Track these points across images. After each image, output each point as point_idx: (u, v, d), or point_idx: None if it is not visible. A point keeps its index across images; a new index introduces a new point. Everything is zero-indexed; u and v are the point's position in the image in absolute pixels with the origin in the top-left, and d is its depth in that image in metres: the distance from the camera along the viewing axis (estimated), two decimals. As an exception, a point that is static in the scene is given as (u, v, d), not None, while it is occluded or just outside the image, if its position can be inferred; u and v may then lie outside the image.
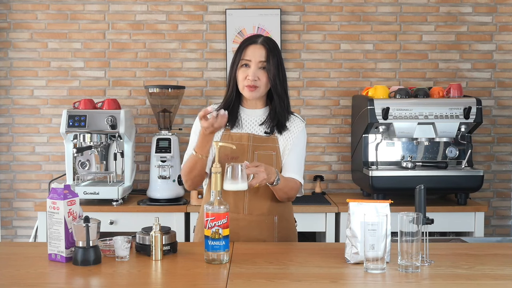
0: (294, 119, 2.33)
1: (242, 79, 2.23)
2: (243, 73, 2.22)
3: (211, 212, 1.91)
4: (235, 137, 2.25)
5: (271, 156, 2.26)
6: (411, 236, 1.82)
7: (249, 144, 2.25)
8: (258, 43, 2.23)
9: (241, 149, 2.23)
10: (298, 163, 2.30)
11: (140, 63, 3.96)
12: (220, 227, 1.91)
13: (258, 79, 2.21)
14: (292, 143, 2.28)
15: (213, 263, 1.92)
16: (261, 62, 2.21)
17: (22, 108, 3.96)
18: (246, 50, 2.23)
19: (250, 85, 2.21)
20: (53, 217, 1.95)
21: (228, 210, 1.94)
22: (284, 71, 2.27)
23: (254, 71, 2.20)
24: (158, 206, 3.44)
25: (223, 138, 2.26)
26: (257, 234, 2.25)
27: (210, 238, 1.91)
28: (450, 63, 3.98)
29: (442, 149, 3.61)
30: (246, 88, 2.22)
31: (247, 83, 2.21)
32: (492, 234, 3.97)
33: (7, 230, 3.99)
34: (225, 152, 2.22)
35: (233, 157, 2.21)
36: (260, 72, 2.21)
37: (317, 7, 3.95)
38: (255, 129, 2.29)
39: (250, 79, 2.20)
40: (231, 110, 2.26)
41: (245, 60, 2.22)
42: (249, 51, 2.22)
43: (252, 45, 2.23)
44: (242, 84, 2.23)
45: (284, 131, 2.28)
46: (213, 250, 1.92)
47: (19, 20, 3.93)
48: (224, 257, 1.93)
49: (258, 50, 2.22)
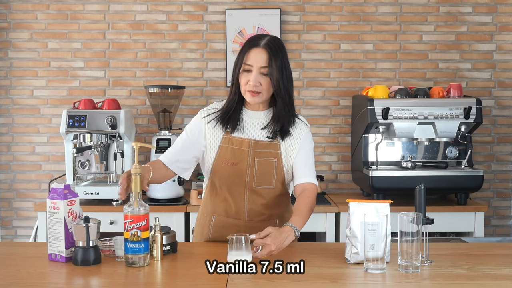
0: (298, 123, 2.26)
1: (244, 84, 2.17)
2: (245, 77, 2.16)
3: (130, 214, 1.88)
4: (236, 142, 2.21)
5: (272, 163, 2.21)
6: (411, 236, 1.82)
7: (250, 150, 2.20)
8: (261, 47, 2.14)
9: (241, 155, 2.20)
10: (309, 166, 2.25)
11: (140, 63, 3.96)
12: (139, 229, 1.87)
13: (260, 84, 2.14)
14: (298, 148, 2.23)
15: (133, 266, 1.88)
16: (262, 68, 2.13)
17: (22, 108, 3.96)
18: (248, 54, 2.15)
19: (252, 90, 2.15)
20: (53, 217, 1.95)
21: (148, 212, 1.89)
22: (290, 73, 2.19)
23: (256, 76, 2.13)
24: (158, 206, 3.44)
25: (224, 141, 2.22)
26: None
27: (129, 241, 1.87)
28: (450, 63, 3.98)
29: (442, 149, 3.61)
30: (248, 93, 2.16)
31: (248, 88, 2.15)
32: (492, 234, 3.97)
33: (7, 230, 3.99)
34: (224, 157, 2.20)
35: (233, 163, 2.19)
36: (262, 78, 2.14)
37: (317, 7, 3.95)
38: (257, 133, 2.23)
39: (252, 84, 2.14)
40: (233, 112, 2.22)
41: (247, 65, 2.15)
42: (251, 55, 2.14)
43: (254, 49, 2.15)
44: (244, 88, 2.17)
45: (287, 136, 2.22)
46: (133, 253, 1.88)
47: (19, 20, 3.93)
48: (145, 261, 1.89)
49: (259, 55, 2.13)
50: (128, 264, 1.89)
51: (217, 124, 2.23)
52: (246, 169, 2.20)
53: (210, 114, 2.25)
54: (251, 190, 2.22)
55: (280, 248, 1.94)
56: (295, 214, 2.11)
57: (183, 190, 3.61)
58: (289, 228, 2.00)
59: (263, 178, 2.21)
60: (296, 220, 2.06)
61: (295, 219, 2.06)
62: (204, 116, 2.25)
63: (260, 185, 2.21)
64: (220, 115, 2.23)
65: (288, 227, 2.01)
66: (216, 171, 2.23)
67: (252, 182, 2.21)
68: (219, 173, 2.23)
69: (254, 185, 2.21)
